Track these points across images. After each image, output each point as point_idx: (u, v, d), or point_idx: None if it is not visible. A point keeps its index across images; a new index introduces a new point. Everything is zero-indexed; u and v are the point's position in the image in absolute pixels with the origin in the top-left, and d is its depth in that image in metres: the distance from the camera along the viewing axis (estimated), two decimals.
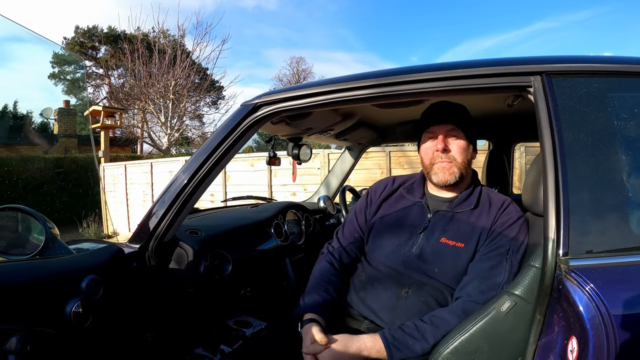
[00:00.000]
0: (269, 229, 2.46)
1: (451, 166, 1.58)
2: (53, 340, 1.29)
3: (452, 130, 1.59)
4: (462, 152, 1.58)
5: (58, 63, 28.49)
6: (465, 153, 1.59)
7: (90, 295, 1.38)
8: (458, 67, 1.28)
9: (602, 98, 1.14)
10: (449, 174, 1.58)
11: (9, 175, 12.80)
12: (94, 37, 29.55)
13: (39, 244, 1.42)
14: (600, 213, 1.05)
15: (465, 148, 1.59)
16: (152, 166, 10.59)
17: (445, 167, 1.58)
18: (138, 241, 1.64)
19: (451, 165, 1.58)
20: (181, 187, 1.57)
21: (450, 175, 1.58)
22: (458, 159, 1.58)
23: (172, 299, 1.77)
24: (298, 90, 1.51)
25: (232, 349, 1.90)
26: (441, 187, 1.62)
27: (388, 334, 1.38)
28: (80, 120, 21.64)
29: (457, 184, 1.60)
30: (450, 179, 1.58)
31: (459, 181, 1.60)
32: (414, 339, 1.34)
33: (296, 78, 35.92)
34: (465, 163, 1.59)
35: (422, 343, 1.33)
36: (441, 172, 1.59)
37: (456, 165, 1.58)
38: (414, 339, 1.34)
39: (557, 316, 1.02)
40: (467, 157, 1.60)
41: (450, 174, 1.58)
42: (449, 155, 1.58)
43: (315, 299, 1.59)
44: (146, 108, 19.67)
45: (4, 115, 25.23)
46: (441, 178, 1.59)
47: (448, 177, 1.58)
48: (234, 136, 1.55)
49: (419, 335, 1.34)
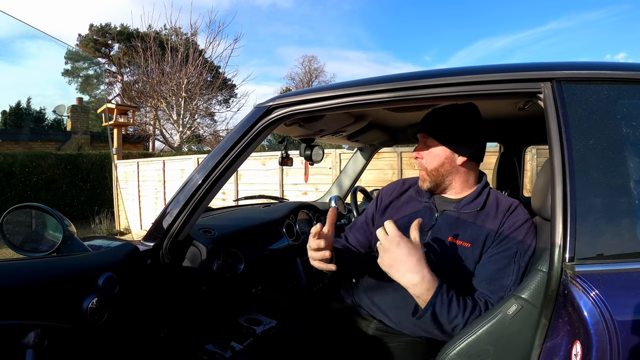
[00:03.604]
0: (281, 229, 2.48)
1: (423, 174, 1.64)
2: (70, 335, 1.31)
3: (425, 138, 1.62)
4: (433, 159, 1.60)
5: (72, 60, 28.70)
6: (437, 159, 1.59)
7: (107, 292, 1.41)
8: (469, 72, 1.29)
9: (612, 105, 1.14)
10: (422, 180, 1.65)
11: (21, 171, 12.91)
12: (107, 34, 29.72)
13: (56, 241, 1.45)
14: (608, 219, 1.05)
15: (437, 154, 1.59)
16: (165, 164, 10.64)
17: (420, 175, 1.66)
18: (152, 239, 1.66)
19: (423, 173, 1.64)
20: (196, 187, 1.59)
21: (422, 182, 1.65)
22: (428, 166, 1.61)
23: (185, 296, 1.80)
24: (312, 93, 1.52)
25: (242, 346, 1.92)
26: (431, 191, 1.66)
27: (444, 289, 1.30)
28: (93, 117, 21.80)
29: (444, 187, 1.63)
30: (423, 185, 1.65)
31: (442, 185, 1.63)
32: (458, 308, 1.30)
33: (308, 77, 35.88)
34: (437, 169, 1.60)
35: (458, 317, 1.30)
36: (419, 179, 1.67)
37: (427, 172, 1.62)
38: (458, 308, 1.30)
39: (562, 321, 1.03)
40: (440, 162, 1.59)
41: (422, 180, 1.65)
42: (420, 163, 1.63)
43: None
44: (158, 106, 19.78)
45: (18, 112, 25.46)
46: (419, 184, 1.68)
47: (421, 184, 1.66)
48: (248, 138, 1.57)
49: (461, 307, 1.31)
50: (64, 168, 14.03)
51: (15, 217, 1.44)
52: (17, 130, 23.61)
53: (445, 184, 1.62)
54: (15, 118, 26.20)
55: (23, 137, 20.17)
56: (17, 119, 26.15)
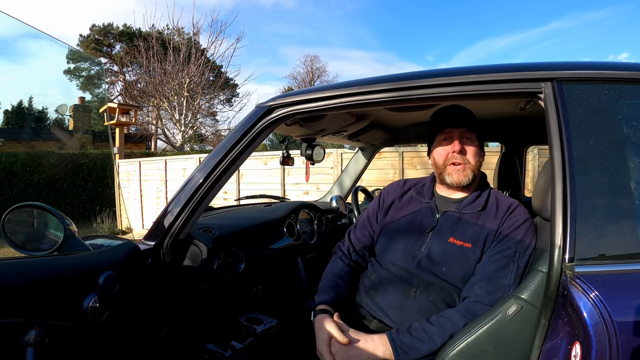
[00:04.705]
0: (282, 228, 2.48)
1: (465, 168, 1.61)
2: (70, 333, 1.31)
3: (466, 133, 1.62)
4: (475, 155, 1.62)
5: (73, 59, 28.73)
6: (478, 156, 1.62)
7: (107, 290, 1.41)
8: (470, 72, 1.29)
9: (612, 105, 1.14)
10: (463, 175, 1.61)
11: (23, 170, 12.92)
12: (109, 34, 29.74)
13: (57, 240, 1.45)
14: (607, 220, 1.05)
15: (478, 151, 1.62)
16: (167, 163, 10.65)
17: (460, 169, 1.61)
18: (153, 238, 1.67)
19: (465, 167, 1.61)
20: (197, 186, 1.60)
21: (465, 177, 1.61)
22: (472, 161, 1.61)
23: (185, 295, 1.80)
24: (313, 93, 1.52)
25: (243, 345, 1.92)
26: (453, 188, 1.65)
27: (395, 336, 1.39)
28: (95, 116, 21.83)
29: (468, 185, 1.62)
30: (464, 180, 1.61)
31: (471, 183, 1.62)
32: (421, 341, 1.35)
33: (310, 76, 35.87)
34: (478, 165, 1.62)
35: (429, 344, 1.34)
36: (455, 173, 1.62)
37: (470, 167, 1.61)
38: (421, 341, 1.35)
39: (562, 321, 1.03)
40: (480, 158, 1.64)
41: (464, 175, 1.61)
42: (464, 157, 1.61)
43: (329, 294, 1.63)
44: (161, 105, 19.79)
45: (20, 111, 25.49)
46: (455, 179, 1.62)
47: (462, 179, 1.61)
48: (249, 137, 1.57)
49: (426, 337, 1.35)
50: (66, 167, 14.05)
51: (16, 216, 1.45)
52: (19, 130, 23.66)
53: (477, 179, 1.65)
54: (17, 117, 26.23)
55: (25, 136, 20.20)
56: (19, 118, 26.19)
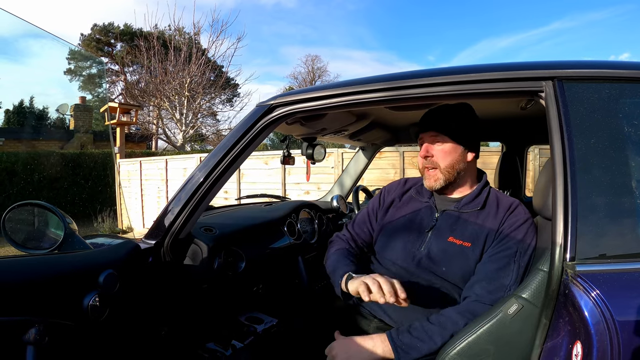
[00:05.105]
0: (282, 227, 2.47)
1: (435, 172, 1.60)
2: (71, 332, 1.31)
3: (435, 136, 1.60)
4: (446, 156, 1.59)
5: (74, 59, 28.73)
6: (450, 156, 1.59)
7: (108, 289, 1.41)
8: (469, 71, 1.28)
9: (613, 104, 1.13)
10: (434, 180, 1.61)
11: (24, 169, 12.94)
12: (110, 33, 29.75)
13: (58, 238, 1.45)
14: (609, 219, 1.05)
15: (450, 151, 1.59)
16: (167, 162, 10.66)
17: (431, 174, 1.62)
18: (154, 237, 1.67)
19: (435, 171, 1.60)
20: (197, 185, 1.59)
21: (435, 182, 1.61)
22: (441, 163, 1.59)
23: (186, 294, 1.80)
24: (313, 92, 1.52)
25: (243, 344, 1.92)
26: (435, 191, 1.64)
27: (395, 336, 1.39)
28: (96, 116, 21.83)
29: (453, 186, 1.63)
30: (435, 184, 1.61)
31: (453, 184, 1.62)
32: (421, 341, 1.35)
33: (311, 76, 35.88)
34: (453, 166, 1.59)
35: (430, 344, 1.34)
36: (427, 179, 1.64)
37: (440, 170, 1.59)
38: (421, 340, 1.35)
39: (563, 321, 1.03)
40: (455, 159, 1.59)
41: (435, 180, 1.61)
42: (432, 161, 1.60)
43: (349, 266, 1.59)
44: (161, 105, 19.80)
45: (21, 110, 25.50)
46: (427, 184, 1.64)
47: (432, 184, 1.62)
48: (250, 136, 1.57)
49: (427, 337, 1.35)
50: (67, 166, 14.06)
51: (17, 214, 1.45)
52: (20, 129, 23.67)
53: (458, 182, 1.63)
54: (19, 117, 26.24)
55: (26, 135, 20.20)
56: (20, 117, 26.20)
